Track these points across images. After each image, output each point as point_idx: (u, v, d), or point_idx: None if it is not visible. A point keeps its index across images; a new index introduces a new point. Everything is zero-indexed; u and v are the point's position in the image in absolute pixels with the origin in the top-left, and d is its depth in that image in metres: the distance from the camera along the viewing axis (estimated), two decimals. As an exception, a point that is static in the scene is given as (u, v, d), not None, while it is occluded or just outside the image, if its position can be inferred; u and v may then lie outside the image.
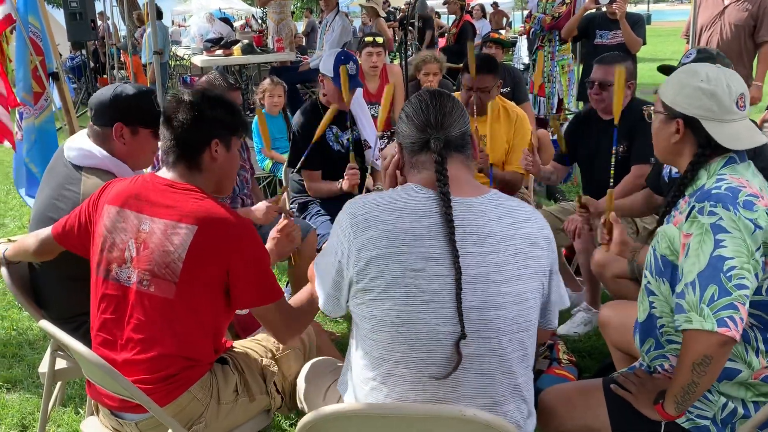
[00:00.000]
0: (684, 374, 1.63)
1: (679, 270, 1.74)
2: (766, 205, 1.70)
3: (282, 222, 2.26)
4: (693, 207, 1.73)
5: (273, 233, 2.25)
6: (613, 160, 2.65)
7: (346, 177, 3.33)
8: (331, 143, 3.63)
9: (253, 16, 15.86)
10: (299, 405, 2.04)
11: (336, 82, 3.47)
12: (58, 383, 2.69)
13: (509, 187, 3.63)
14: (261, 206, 2.91)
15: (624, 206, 3.10)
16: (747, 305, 1.61)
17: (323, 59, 3.65)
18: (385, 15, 9.64)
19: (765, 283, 1.71)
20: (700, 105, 1.82)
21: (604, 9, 5.71)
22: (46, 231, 2.13)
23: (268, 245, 2.23)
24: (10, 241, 2.42)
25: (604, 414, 1.88)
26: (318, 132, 3.04)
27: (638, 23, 5.62)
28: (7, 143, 4.37)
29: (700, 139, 1.84)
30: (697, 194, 1.77)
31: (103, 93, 2.28)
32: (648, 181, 3.08)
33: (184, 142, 1.90)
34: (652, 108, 1.98)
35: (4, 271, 2.29)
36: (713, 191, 1.72)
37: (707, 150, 1.83)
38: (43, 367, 2.37)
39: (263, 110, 5.20)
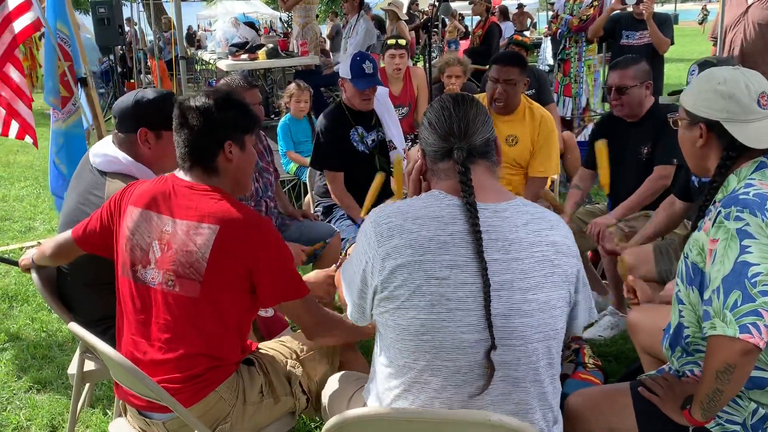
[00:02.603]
0: (708, 381, 1.61)
1: (706, 277, 1.71)
2: None
3: (332, 270, 2.26)
4: (720, 212, 1.71)
5: (319, 275, 2.28)
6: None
7: None
8: (355, 143, 3.64)
9: (280, 19, 15.94)
10: (324, 413, 2.05)
11: (358, 85, 3.51)
12: (87, 384, 2.72)
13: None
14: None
15: (649, 233, 3.06)
16: None
17: (342, 62, 3.68)
18: (406, 18, 9.65)
19: None
20: (719, 107, 1.81)
21: (630, 9, 5.65)
22: (66, 235, 2.16)
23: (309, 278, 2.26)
24: (39, 244, 2.47)
25: (632, 418, 1.86)
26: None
27: (665, 23, 5.55)
28: (29, 139, 4.44)
29: (725, 142, 1.83)
30: (725, 199, 1.75)
31: (125, 100, 2.32)
32: (675, 188, 3.03)
33: (197, 149, 1.91)
34: (677, 116, 1.98)
35: (34, 274, 2.34)
36: (740, 196, 1.70)
37: (733, 152, 1.81)
38: (72, 369, 2.40)
39: (288, 114, 5.24)
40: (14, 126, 4.38)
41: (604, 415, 1.90)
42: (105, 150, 2.31)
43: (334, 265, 2.30)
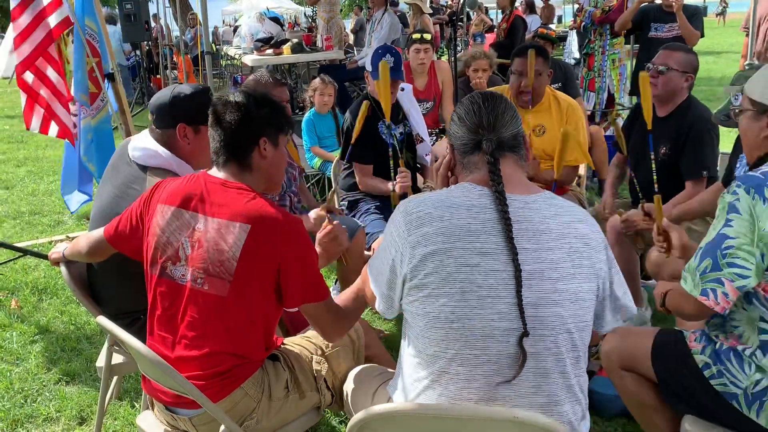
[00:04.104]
0: (661, 289, 1.99)
1: None
2: None
3: (325, 227, 2.26)
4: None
5: (319, 239, 2.26)
6: (653, 165, 2.66)
7: (398, 180, 3.33)
8: (384, 136, 3.63)
9: (304, 13, 15.96)
10: (346, 407, 2.05)
11: (374, 75, 3.50)
12: (115, 377, 2.75)
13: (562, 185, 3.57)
14: (313, 214, 2.93)
15: (692, 209, 3.02)
16: (739, 282, 1.75)
17: (367, 56, 3.68)
18: (430, 11, 9.63)
19: None
20: None
21: (659, 1, 5.57)
22: (99, 233, 2.18)
23: (317, 250, 2.23)
24: (68, 238, 2.50)
25: (650, 341, 2.07)
26: (356, 129, 3.00)
27: (695, 15, 5.46)
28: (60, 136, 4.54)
29: None
30: None
31: (162, 96, 2.33)
32: (723, 176, 2.98)
33: (234, 143, 1.92)
34: (738, 107, 1.98)
35: (63, 268, 2.36)
36: (750, 173, 1.77)
37: None
38: (101, 362, 2.43)
39: (312, 109, 5.24)
40: (54, 126, 4.46)
41: (630, 337, 2.13)
42: (145, 144, 2.32)
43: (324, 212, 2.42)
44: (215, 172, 1.96)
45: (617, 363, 2.17)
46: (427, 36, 5.07)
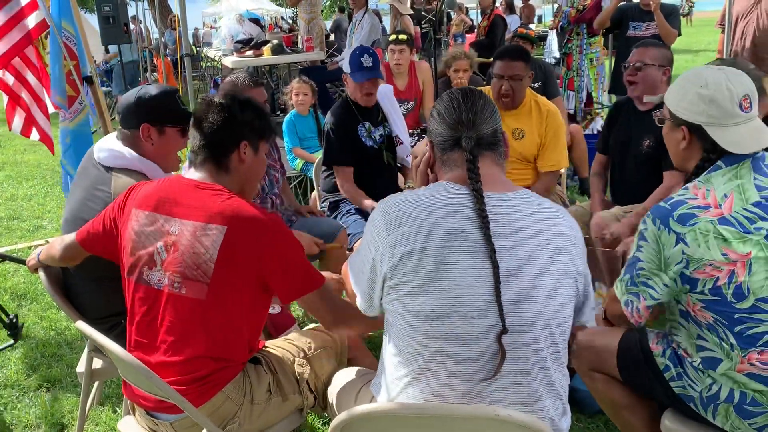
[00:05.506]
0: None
1: None
2: (716, 215, 1.76)
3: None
4: None
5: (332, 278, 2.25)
6: None
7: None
8: (363, 139, 3.63)
9: (282, 17, 15.91)
10: (330, 409, 2.05)
11: (354, 78, 3.50)
12: (96, 382, 2.73)
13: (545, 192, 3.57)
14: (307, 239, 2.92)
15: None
16: (649, 302, 1.88)
17: (345, 56, 3.68)
18: (411, 12, 9.66)
19: (705, 287, 1.79)
20: (700, 111, 1.85)
21: (637, 0, 5.62)
22: (71, 237, 2.16)
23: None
24: (48, 243, 2.47)
25: (616, 342, 2.11)
26: None
27: (673, 14, 5.51)
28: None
29: (706, 145, 1.87)
30: None
31: (128, 96, 2.32)
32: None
33: (214, 143, 1.92)
34: (661, 113, 2.03)
35: (42, 274, 2.34)
36: (661, 203, 1.84)
37: (713, 155, 1.86)
38: (81, 367, 2.41)
39: (293, 111, 5.23)
40: (35, 131, 4.42)
41: (599, 335, 2.17)
42: (110, 145, 2.31)
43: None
44: (191, 174, 1.95)
45: (587, 365, 2.19)
46: (403, 37, 5.08)
